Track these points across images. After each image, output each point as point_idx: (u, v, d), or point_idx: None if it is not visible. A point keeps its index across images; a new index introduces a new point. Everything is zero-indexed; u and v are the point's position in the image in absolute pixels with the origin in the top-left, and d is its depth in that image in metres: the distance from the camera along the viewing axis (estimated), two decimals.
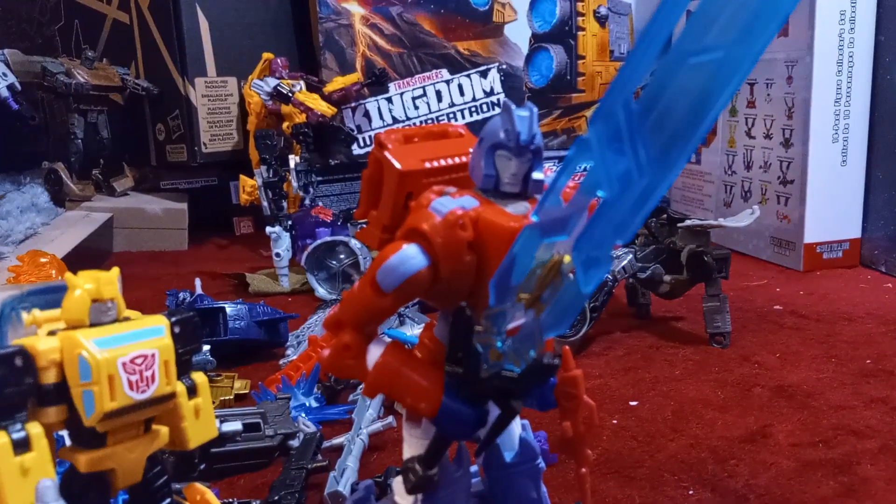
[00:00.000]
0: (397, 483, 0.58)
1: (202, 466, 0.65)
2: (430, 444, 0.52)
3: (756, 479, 0.93)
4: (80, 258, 1.73)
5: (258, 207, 2.16)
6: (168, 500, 0.62)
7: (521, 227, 0.46)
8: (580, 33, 2.69)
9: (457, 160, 0.56)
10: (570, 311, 0.45)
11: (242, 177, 2.11)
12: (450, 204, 0.49)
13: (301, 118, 2.12)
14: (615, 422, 1.09)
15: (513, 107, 0.51)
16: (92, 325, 0.56)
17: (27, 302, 0.78)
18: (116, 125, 2.33)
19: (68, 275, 0.57)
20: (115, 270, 0.58)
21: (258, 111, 2.16)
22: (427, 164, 0.54)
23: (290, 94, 2.11)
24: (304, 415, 1.03)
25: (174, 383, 0.58)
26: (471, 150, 0.56)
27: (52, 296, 0.73)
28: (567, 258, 0.45)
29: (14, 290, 0.78)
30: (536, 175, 0.52)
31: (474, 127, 1.93)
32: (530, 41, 2.63)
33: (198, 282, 1.40)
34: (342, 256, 1.82)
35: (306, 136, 2.08)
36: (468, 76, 2.57)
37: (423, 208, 0.49)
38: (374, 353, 0.51)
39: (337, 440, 0.98)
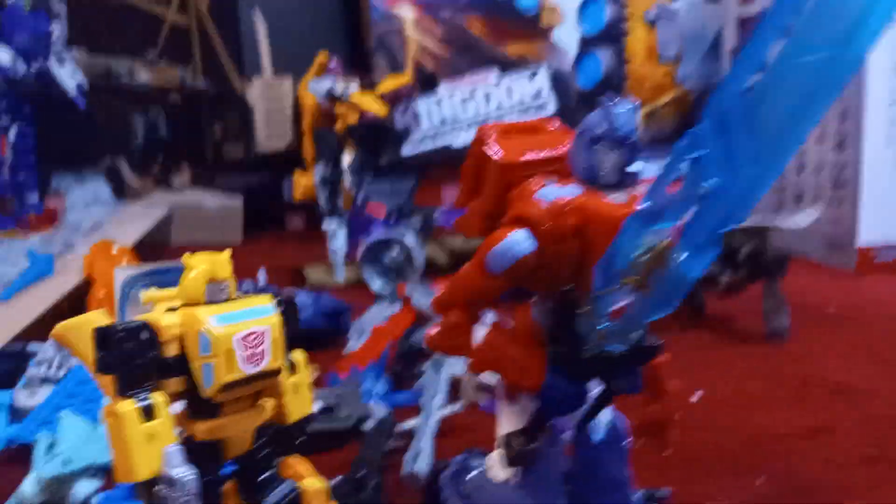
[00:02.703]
0: (493, 458, 0.61)
1: (299, 440, 0.68)
2: (531, 419, 0.55)
3: (817, 474, 0.94)
4: (142, 250, 1.79)
5: (310, 204, 2.20)
6: (271, 471, 0.65)
7: (626, 214, 0.49)
8: (628, 37, 2.70)
9: (553, 153, 0.59)
10: (675, 295, 0.48)
11: (296, 174, 2.16)
12: (555, 192, 0.52)
13: (354, 118, 2.16)
14: (676, 416, 1.10)
15: (613, 101, 0.53)
16: (207, 303, 0.60)
17: (143, 282, 0.82)
18: (175, 123, 2.40)
19: (186, 256, 0.61)
20: (228, 252, 0.62)
21: (313, 111, 2.21)
22: (526, 157, 0.57)
23: (345, 95, 2.15)
24: (374, 400, 1.07)
25: (282, 359, 0.62)
26: (565, 143, 0.59)
27: (163, 276, 0.77)
28: (673, 244, 0.47)
29: (132, 271, 0.82)
30: (633, 167, 0.54)
31: None
32: (578, 44, 2.65)
33: (262, 272, 1.45)
34: (395, 253, 1.85)
35: (360, 136, 2.12)
36: (516, 79, 2.60)
37: (529, 197, 0.52)
38: (481, 332, 0.54)
39: (408, 424, 1.01)
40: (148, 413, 0.55)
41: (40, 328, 1.20)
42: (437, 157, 2.52)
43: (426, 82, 2.45)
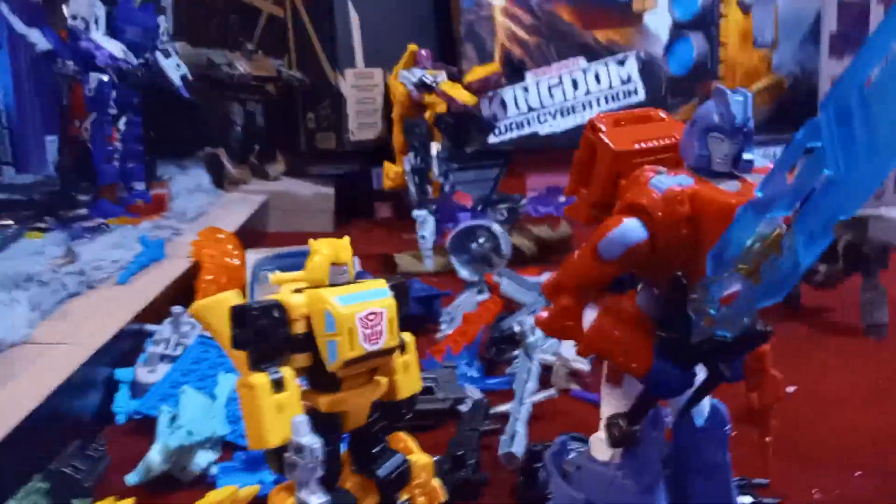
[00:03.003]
0: (594, 439, 0.63)
1: (408, 416, 0.72)
2: (636, 402, 0.57)
3: None
4: (242, 237, 1.87)
5: (398, 193, 2.26)
6: (383, 444, 0.69)
7: (739, 203, 0.50)
8: (722, 20, 2.65)
9: (662, 142, 0.60)
10: (787, 283, 0.49)
11: (386, 163, 2.21)
12: (668, 181, 0.54)
13: (443, 107, 2.20)
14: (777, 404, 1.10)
15: (728, 91, 0.54)
16: (330, 285, 0.64)
17: (271, 264, 0.88)
18: (270, 114, 2.49)
19: (311, 241, 0.66)
20: (348, 239, 0.67)
21: (403, 101, 2.25)
22: (637, 146, 0.59)
23: (435, 85, 2.18)
24: (468, 384, 1.10)
25: (396, 338, 0.66)
26: (674, 132, 0.60)
27: (289, 260, 0.83)
28: (788, 232, 0.48)
29: (261, 254, 0.88)
30: (746, 156, 0.55)
31: None
32: (670, 29, 2.61)
33: (356, 260, 1.50)
34: (482, 240, 1.88)
35: (448, 125, 2.16)
36: (605, 64, 2.58)
37: (641, 185, 0.54)
38: (590, 317, 0.57)
39: (502, 407, 1.04)
40: (278, 385, 0.60)
41: (155, 310, 1.28)
42: (524, 145, 2.53)
43: (514, 70, 2.46)
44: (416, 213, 1.94)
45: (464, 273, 1.82)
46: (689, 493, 0.65)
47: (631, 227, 0.53)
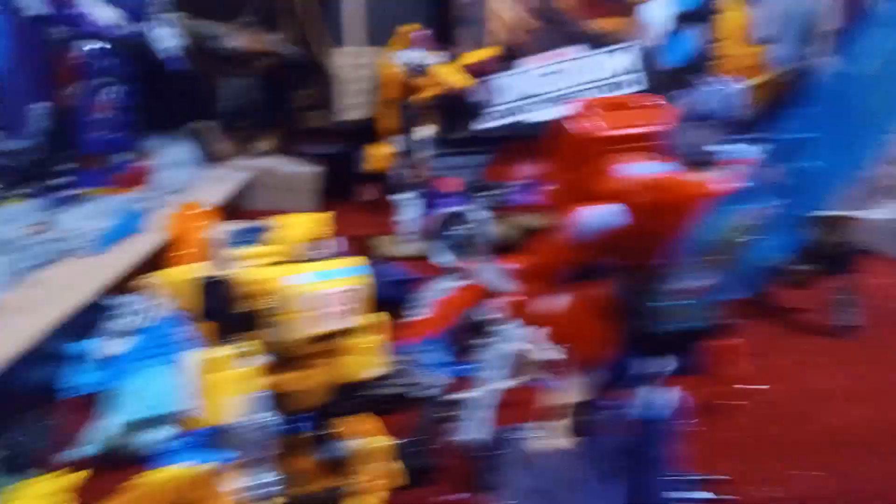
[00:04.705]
0: (554, 427, 0.63)
1: (368, 398, 0.71)
2: (599, 390, 0.57)
3: (881, 473, 0.93)
4: (225, 212, 1.85)
5: (381, 175, 2.23)
6: (340, 426, 0.68)
7: (713, 193, 0.49)
8: (720, 14, 2.64)
9: (645, 129, 0.59)
10: (755, 277, 0.48)
11: (372, 145, 2.19)
12: (644, 168, 0.53)
13: (435, 91, 2.18)
14: (745, 403, 1.09)
15: (711, 82, 0.54)
16: (302, 261, 0.63)
17: (242, 238, 0.85)
18: (261, 90, 2.46)
19: (288, 215, 0.65)
20: (326, 215, 0.66)
21: (394, 82, 2.22)
22: (617, 132, 0.58)
23: (427, 67, 2.16)
24: (433, 369, 1.10)
25: (361, 319, 0.65)
26: (657, 119, 0.59)
27: (260, 234, 0.80)
28: (759, 226, 0.47)
29: (232, 227, 0.86)
30: (726, 147, 0.55)
31: None
32: (669, 21, 2.60)
33: (340, 241, 1.48)
34: (463, 227, 1.88)
35: (440, 109, 2.14)
36: (602, 54, 2.56)
37: (619, 171, 0.53)
38: (558, 304, 0.56)
39: (465, 394, 1.03)
40: (239, 360, 0.59)
41: (126, 282, 1.26)
42: (513, 132, 2.51)
43: (509, 56, 2.44)
44: (399, 196, 1.93)
45: (442, 258, 1.81)
46: (644, 484, 0.65)
47: (607, 213, 0.52)
